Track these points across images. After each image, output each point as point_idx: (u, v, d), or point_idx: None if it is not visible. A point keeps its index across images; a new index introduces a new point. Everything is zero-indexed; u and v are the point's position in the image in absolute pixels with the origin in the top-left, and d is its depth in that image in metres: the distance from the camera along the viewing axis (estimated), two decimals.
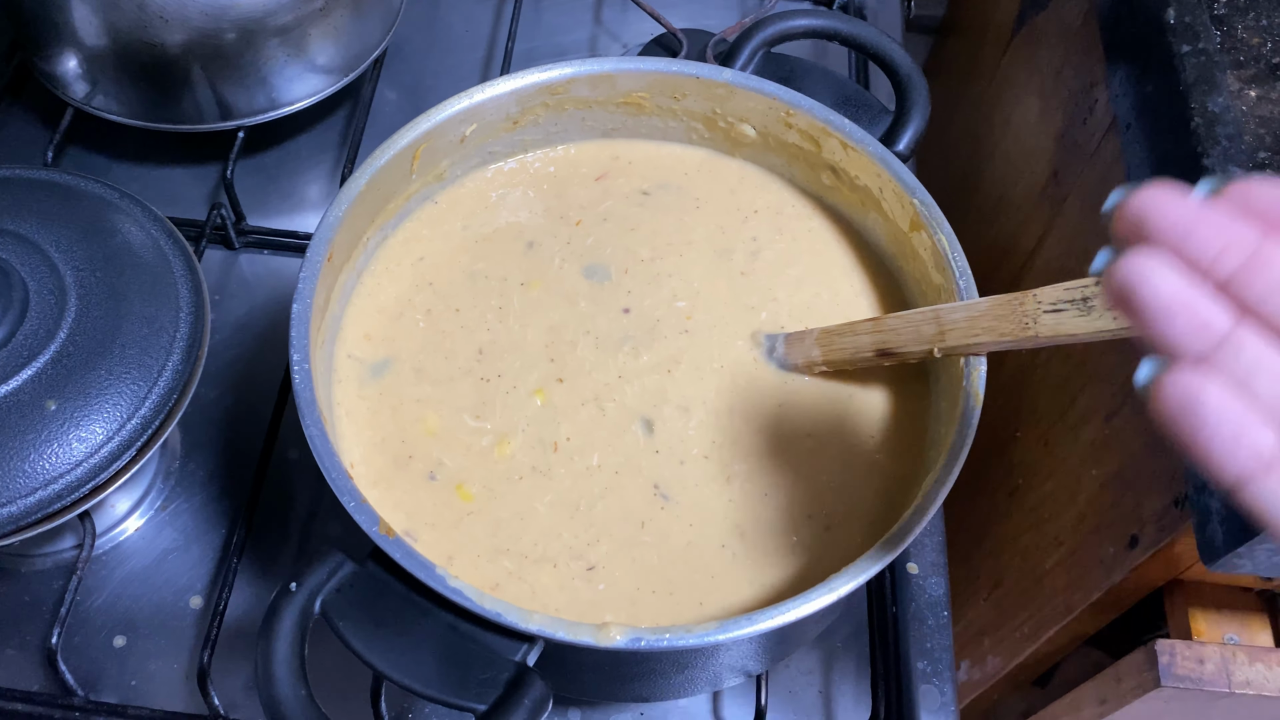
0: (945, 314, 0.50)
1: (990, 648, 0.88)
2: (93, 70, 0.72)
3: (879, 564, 0.45)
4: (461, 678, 0.43)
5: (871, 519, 0.52)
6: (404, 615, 0.44)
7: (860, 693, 0.61)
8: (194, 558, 0.63)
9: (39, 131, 0.78)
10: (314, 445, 0.46)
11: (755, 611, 0.43)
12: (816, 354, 0.55)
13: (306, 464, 0.66)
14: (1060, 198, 0.83)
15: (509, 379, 0.55)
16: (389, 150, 0.55)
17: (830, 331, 0.55)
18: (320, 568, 0.44)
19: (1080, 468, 0.75)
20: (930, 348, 0.50)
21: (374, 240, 0.58)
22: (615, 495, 0.52)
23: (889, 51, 0.61)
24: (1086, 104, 0.80)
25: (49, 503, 0.52)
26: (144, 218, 0.60)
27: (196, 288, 0.59)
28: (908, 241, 0.56)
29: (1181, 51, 0.64)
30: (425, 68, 0.85)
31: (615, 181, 0.62)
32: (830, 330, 0.55)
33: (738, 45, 0.61)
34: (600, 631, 0.43)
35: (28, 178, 0.61)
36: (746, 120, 0.60)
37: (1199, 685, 0.62)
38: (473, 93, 0.57)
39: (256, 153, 0.79)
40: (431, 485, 0.52)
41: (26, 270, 0.56)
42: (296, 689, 0.42)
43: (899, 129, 0.59)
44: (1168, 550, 0.63)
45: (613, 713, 0.59)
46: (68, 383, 0.53)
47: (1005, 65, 1.01)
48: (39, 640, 0.59)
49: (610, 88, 0.60)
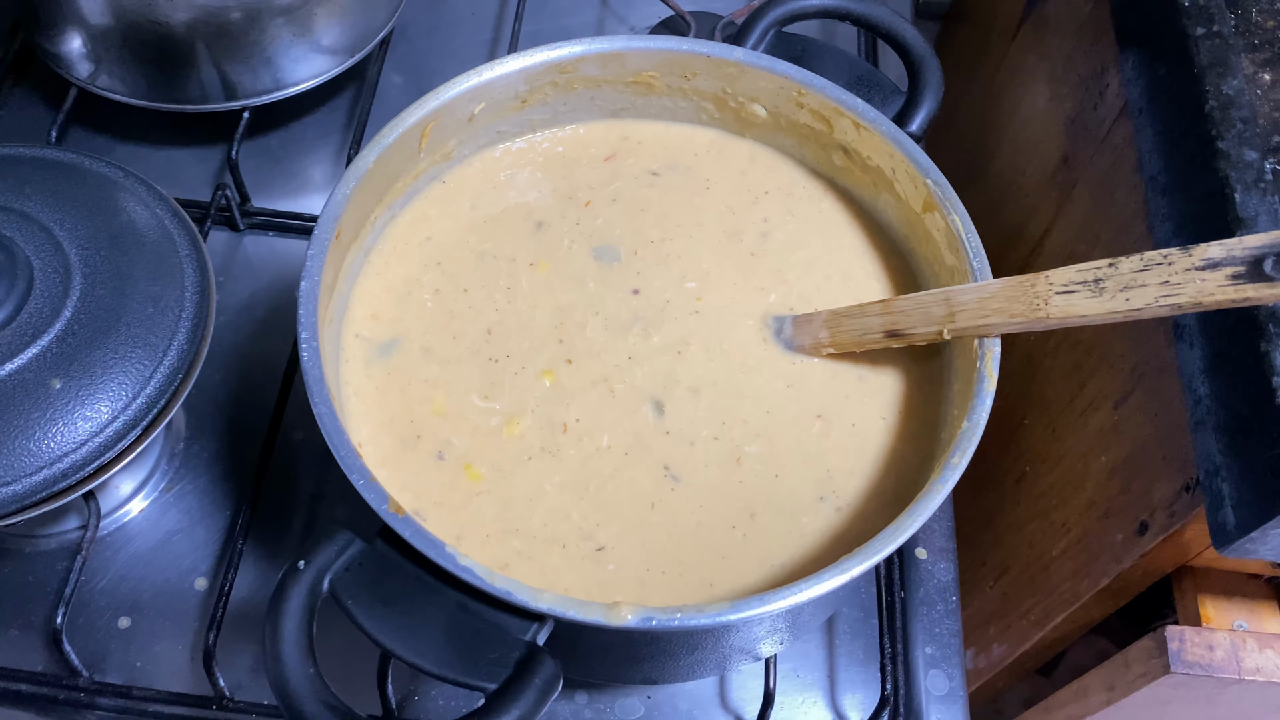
0: (956, 295, 0.50)
1: (996, 635, 0.88)
2: (97, 49, 0.71)
3: (891, 546, 0.45)
4: (471, 657, 0.42)
5: (883, 501, 0.51)
6: (413, 594, 0.43)
7: (868, 678, 0.61)
8: (198, 539, 0.62)
9: (42, 111, 0.78)
10: (323, 423, 0.46)
11: (768, 591, 0.43)
12: (824, 336, 0.54)
13: (311, 446, 0.65)
14: (1070, 183, 0.83)
15: (517, 360, 0.54)
16: (398, 128, 0.54)
17: (839, 313, 0.54)
18: (329, 546, 0.44)
19: (1089, 454, 0.75)
20: (940, 329, 0.50)
21: (382, 219, 0.57)
22: (625, 476, 0.51)
23: (902, 32, 0.60)
24: (1097, 89, 0.80)
25: (53, 482, 0.51)
26: (149, 197, 0.60)
27: (202, 267, 0.58)
28: (920, 223, 0.56)
29: (1196, 34, 0.64)
30: (430, 50, 0.84)
31: (624, 162, 0.61)
32: (839, 312, 0.54)
33: (749, 24, 0.60)
34: (611, 610, 0.42)
35: (32, 156, 0.60)
36: (757, 100, 0.59)
37: (1209, 672, 0.62)
38: (482, 70, 0.57)
39: (261, 134, 0.78)
40: (439, 465, 0.51)
41: (31, 249, 0.55)
42: (305, 667, 0.42)
43: (912, 109, 0.58)
44: (1178, 536, 0.63)
45: (620, 695, 0.59)
46: (73, 361, 0.53)
47: (1014, 51, 1.00)
48: (43, 621, 0.59)
49: (620, 67, 0.59)
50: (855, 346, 0.54)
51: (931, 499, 0.46)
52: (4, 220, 0.56)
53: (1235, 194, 0.57)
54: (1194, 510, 0.61)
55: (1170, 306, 0.43)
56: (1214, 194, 0.58)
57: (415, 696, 0.58)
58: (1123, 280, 0.44)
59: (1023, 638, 0.83)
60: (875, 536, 0.45)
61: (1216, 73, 0.62)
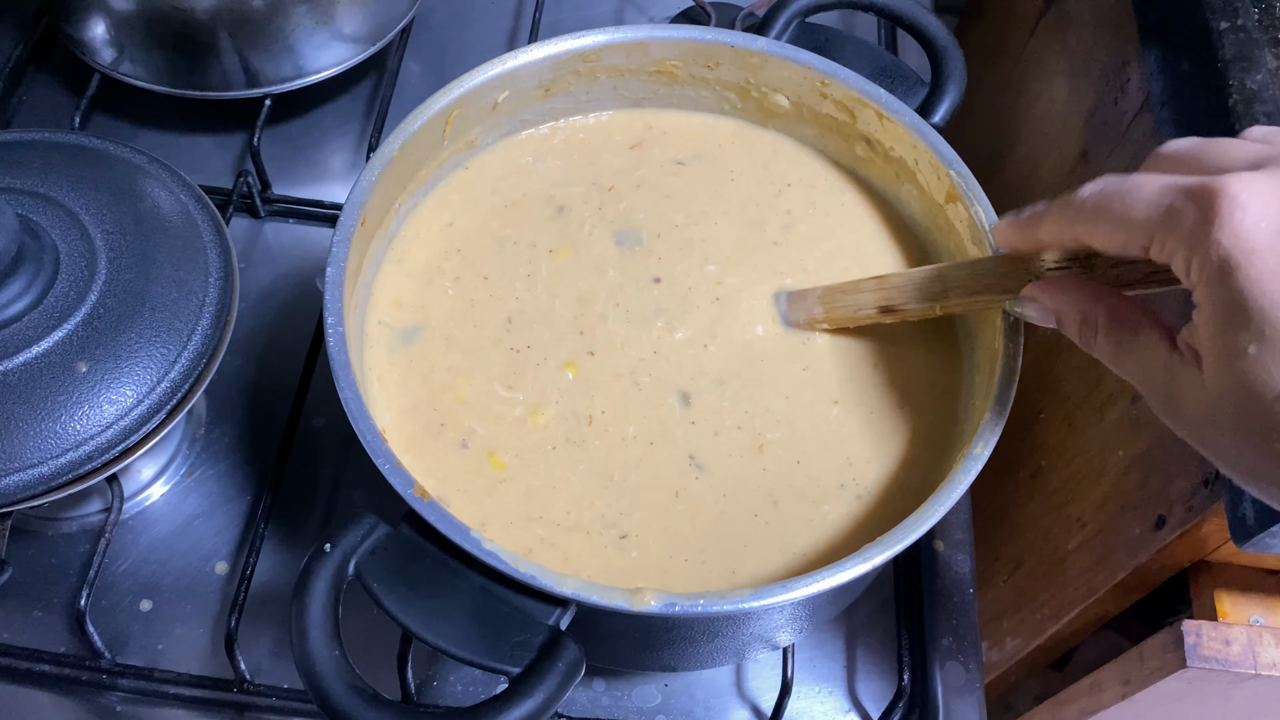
0: (949, 271, 0.50)
1: (1009, 629, 0.88)
2: (120, 36, 0.72)
3: (914, 535, 0.45)
4: (495, 640, 0.43)
5: (903, 490, 0.52)
6: (438, 578, 0.44)
7: (885, 668, 0.61)
8: (219, 524, 0.63)
9: (65, 98, 0.78)
10: (349, 408, 0.46)
11: (790, 579, 0.43)
12: (819, 311, 0.55)
13: (332, 432, 0.66)
14: (1089, 178, 0.82)
15: (539, 350, 0.55)
16: (422, 116, 0.55)
17: (834, 289, 0.54)
18: (354, 530, 0.44)
19: (1105, 448, 0.75)
20: (934, 304, 0.50)
21: (405, 206, 0.58)
22: (649, 466, 0.51)
23: (925, 23, 0.60)
24: (1118, 83, 0.80)
25: (78, 465, 0.52)
26: (173, 183, 0.60)
27: (225, 253, 0.59)
28: (943, 214, 0.56)
29: (1219, 28, 0.63)
30: (451, 39, 0.85)
31: (650, 150, 0.61)
32: (834, 288, 0.55)
33: (772, 14, 0.60)
34: (635, 596, 0.42)
35: (57, 141, 0.61)
36: (780, 90, 0.59)
37: (1225, 666, 0.62)
38: (506, 59, 0.57)
39: (281, 122, 0.78)
40: (463, 453, 0.52)
41: (58, 233, 0.55)
42: (330, 650, 0.42)
43: (935, 100, 0.58)
44: (1195, 531, 0.63)
45: (637, 683, 0.59)
46: (98, 345, 0.53)
47: (1033, 45, 1.00)
48: (66, 602, 0.59)
49: (643, 56, 0.59)
50: (849, 322, 0.54)
51: (954, 489, 0.46)
52: (30, 205, 0.56)
53: None
54: (1212, 505, 0.61)
55: (1159, 282, 0.42)
56: None
57: (434, 681, 0.59)
58: (1113, 258, 0.44)
59: (1036, 631, 0.83)
60: (897, 525, 0.45)
61: (1240, 67, 0.61)
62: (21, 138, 0.61)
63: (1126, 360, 0.41)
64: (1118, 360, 0.42)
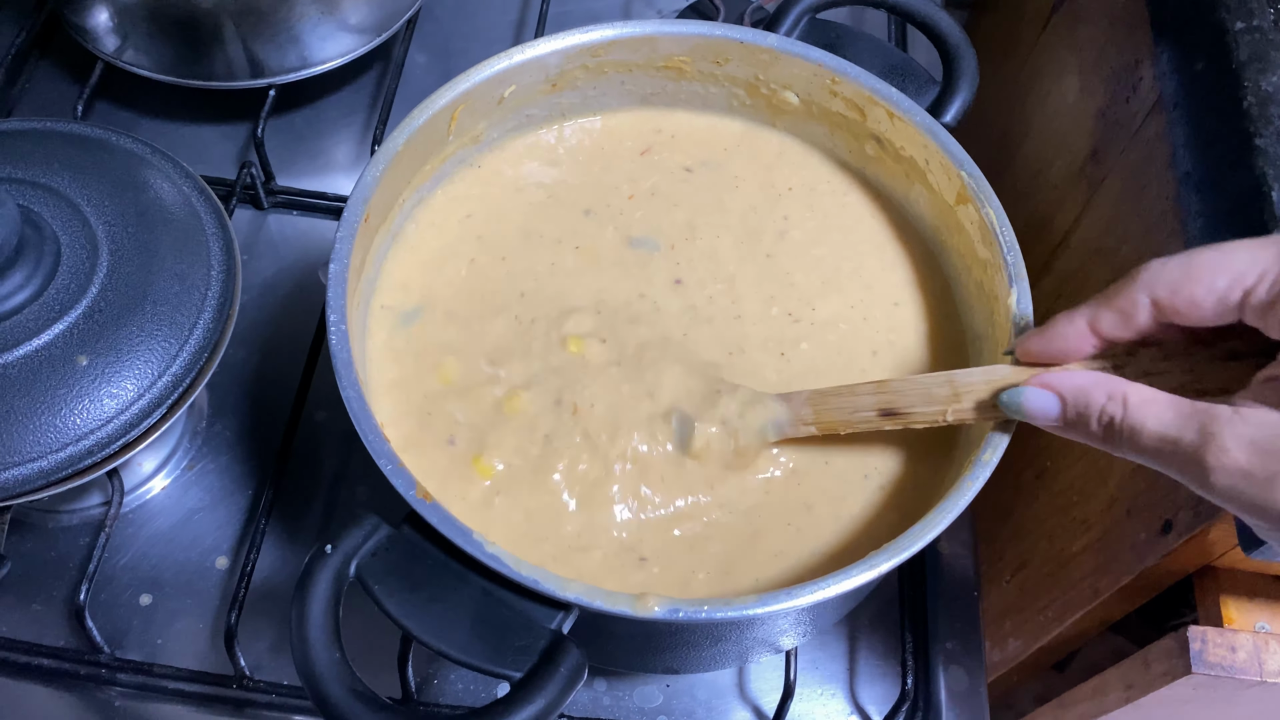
0: (960, 377, 0.47)
1: (1012, 630, 0.88)
2: (124, 24, 0.71)
3: (920, 543, 0.45)
4: (497, 644, 0.42)
5: (917, 482, 0.51)
6: (440, 580, 0.43)
7: (888, 671, 0.60)
8: (220, 519, 0.62)
9: (68, 86, 0.78)
10: (351, 408, 0.45)
11: (794, 586, 0.43)
12: (807, 414, 0.51)
13: (334, 426, 0.65)
14: (1099, 177, 0.82)
15: (544, 324, 0.54)
16: (428, 110, 0.54)
17: (824, 393, 0.51)
18: (356, 531, 0.44)
19: None
20: (943, 409, 0.47)
21: (410, 202, 0.57)
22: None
23: (937, 20, 0.59)
24: (1130, 82, 0.79)
25: (80, 458, 0.51)
26: (175, 174, 0.60)
27: (228, 245, 0.58)
28: (952, 214, 0.55)
29: (1235, 29, 0.63)
30: (456, 31, 0.84)
31: (659, 157, 0.61)
32: (824, 392, 0.51)
33: (782, 10, 0.60)
34: (638, 601, 0.42)
35: (59, 131, 0.60)
36: (790, 87, 0.59)
37: (1230, 673, 0.62)
38: (512, 53, 0.56)
39: (286, 112, 0.78)
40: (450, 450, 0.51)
41: (59, 224, 0.55)
42: (330, 652, 0.41)
43: (947, 99, 0.57)
44: (1202, 536, 0.63)
45: (639, 684, 0.59)
46: (99, 338, 0.53)
47: (1043, 42, 0.99)
48: (65, 596, 0.59)
49: (651, 51, 0.58)
50: (843, 427, 0.50)
51: (962, 495, 0.46)
52: (31, 195, 0.56)
53: (1273, 192, 0.56)
54: (1220, 511, 0.60)
55: (1178, 387, 0.42)
56: (1250, 192, 0.57)
57: (434, 680, 0.58)
58: (1142, 367, 0.43)
59: (1039, 633, 0.83)
60: (902, 534, 0.45)
61: (1256, 68, 0.61)
62: (23, 127, 0.60)
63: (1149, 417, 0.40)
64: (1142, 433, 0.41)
